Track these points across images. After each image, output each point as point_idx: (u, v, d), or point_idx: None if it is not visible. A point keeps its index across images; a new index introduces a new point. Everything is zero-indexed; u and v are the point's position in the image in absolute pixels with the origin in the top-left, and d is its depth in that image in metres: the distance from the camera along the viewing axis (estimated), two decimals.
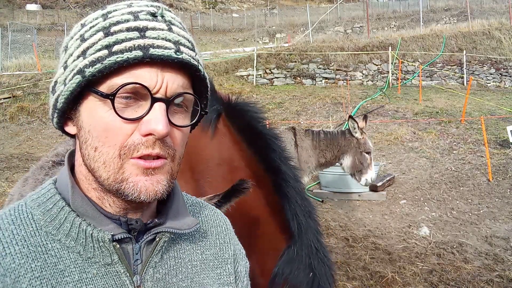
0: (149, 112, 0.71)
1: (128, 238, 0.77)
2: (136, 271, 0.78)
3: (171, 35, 0.73)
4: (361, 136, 4.68)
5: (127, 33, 0.71)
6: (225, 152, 1.91)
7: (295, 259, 1.63)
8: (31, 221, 0.75)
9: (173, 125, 0.75)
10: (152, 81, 0.71)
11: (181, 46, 0.74)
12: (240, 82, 15.77)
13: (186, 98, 0.76)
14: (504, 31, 15.98)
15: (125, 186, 0.72)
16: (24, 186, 1.91)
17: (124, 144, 0.71)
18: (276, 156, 1.79)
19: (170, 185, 0.76)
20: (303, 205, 1.71)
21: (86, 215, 0.76)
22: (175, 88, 0.74)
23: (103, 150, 0.72)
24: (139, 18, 0.73)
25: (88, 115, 0.74)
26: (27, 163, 8.94)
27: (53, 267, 0.72)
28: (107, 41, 0.71)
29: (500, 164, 7.65)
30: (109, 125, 0.71)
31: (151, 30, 0.72)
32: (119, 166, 0.72)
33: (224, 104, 1.98)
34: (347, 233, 5.60)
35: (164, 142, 0.73)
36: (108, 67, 0.70)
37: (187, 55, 0.74)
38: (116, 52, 0.70)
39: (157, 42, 0.71)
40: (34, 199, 0.78)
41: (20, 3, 37.42)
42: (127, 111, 0.72)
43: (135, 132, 0.72)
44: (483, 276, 4.35)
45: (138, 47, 0.70)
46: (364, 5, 26.75)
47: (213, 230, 0.93)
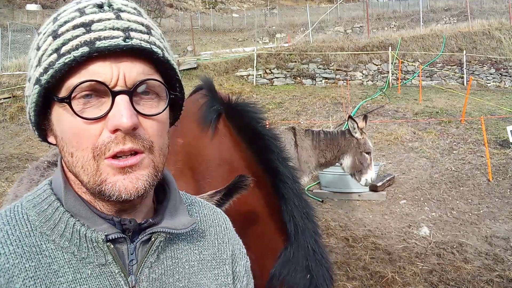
0: (112, 107, 0.69)
1: (122, 238, 0.76)
2: (132, 271, 0.76)
3: (119, 23, 0.70)
4: (361, 136, 4.68)
5: (73, 31, 0.69)
6: (225, 152, 1.91)
7: (292, 261, 1.62)
8: (26, 222, 0.75)
9: (142, 115, 0.72)
10: (107, 75, 0.69)
11: (131, 32, 0.70)
12: (240, 82, 15.78)
13: (151, 84, 0.73)
14: (504, 31, 15.98)
15: (104, 188, 0.70)
16: (19, 186, 1.91)
17: (96, 145, 0.69)
18: (275, 157, 1.79)
19: (154, 179, 0.74)
20: (301, 206, 1.70)
21: (79, 216, 0.75)
22: (135, 77, 0.71)
23: (78, 155, 0.71)
24: (85, 13, 0.71)
25: (58, 123, 0.73)
26: (27, 163, 8.94)
27: (47, 267, 0.71)
28: (56, 44, 0.69)
29: (500, 164, 7.65)
30: (76, 129, 0.70)
31: (97, 22, 0.69)
32: (95, 168, 0.70)
33: (224, 105, 1.98)
34: (347, 233, 5.60)
35: (135, 135, 0.70)
36: (59, 70, 0.68)
37: (138, 40, 0.70)
38: (64, 54, 0.68)
39: (103, 34, 0.68)
40: (29, 200, 0.78)
41: (20, 3, 37.41)
42: (90, 111, 0.69)
43: (104, 131, 0.69)
44: (483, 276, 4.35)
45: (85, 43, 0.68)
46: (364, 5, 26.75)
47: (211, 229, 0.92)
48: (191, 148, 1.99)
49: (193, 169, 1.96)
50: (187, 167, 1.97)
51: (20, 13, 33.93)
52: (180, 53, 21.36)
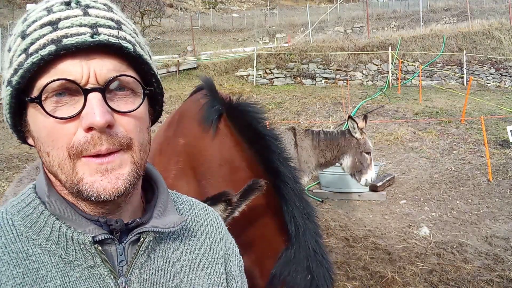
0: (85, 106, 0.67)
1: (110, 239, 0.74)
2: (122, 273, 0.75)
3: (86, 19, 0.69)
4: (361, 136, 4.68)
5: (40, 30, 0.68)
6: (226, 152, 1.91)
7: (293, 261, 1.62)
8: (11, 227, 0.73)
9: (117, 112, 0.70)
10: (77, 73, 0.67)
11: (99, 28, 0.69)
12: (240, 82, 15.78)
13: (124, 80, 0.71)
14: (504, 31, 15.98)
15: (82, 188, 0.69)
16: (19, 187, 1.90)
17: (71, 144, 0.68)
18: (276, 157, 1.78)
19: (135, 176, 0.72)
20: (302, 206, 1.70)
21: (65, 218, 0.73)
22: (106, 73, 0.69)
23: (54, 154, 0.69)
24: (52, 11, 0.69)
25: (33, 123, 0.72)
26: (27, 163, 8.94)
27: (35, 272, 0.70)
28: (24, 44, 0.68)
29: (500, 164, 7.65)
30: (50, 128, 0.68)
31: (64, 20, 0.68)
32: (71, 166, 0.69)
33: (225, 105, 1.98)
34: (347, 233, 5.60)
35: (111, 134, 0.69)
36: (28, 70, 0.67)
37: (106, 35, 0.68)
38: (32, 53, 0.67)
39: (70, 31, 0.67)
40: (14, 205, 0.76)
41: (20, 3, 37.39)
42: (64, 109, 0.68)
43: (79, 129, 0.68)
44: (483, 276, 4.35)
45: (52, 41, 0.66)
46: (364, 5, 26.75)
47: (203, 229, 0.90)
48: (193, 148, 1.99)
49: (194, 169, 1.96)
50: (189, 167, 1.97)
51: (20, 13, 33.78)
52: (180, 53, 21.37)
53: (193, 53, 20.27)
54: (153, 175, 0.87)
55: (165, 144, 2.14)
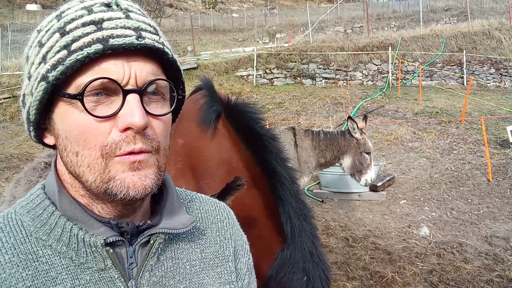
0: (123, 106, 0.68)
1: (121, 241, 0.74)
2: (132, 275, 0.74)
3: (129, 22, 0.70)
4: (361, 137, 4.67)
5: (83, 28, 0.68)
6: (224, 153, 1.90)
7: (289, 263, 1.61)
8: (21, 228, 0.72)
9: (150, 115, 0.71)
10: (119, 73, 0.68)
11: (142, 32, 0.70)
12: (240, 82, 15.77)
13: (159, 85, 0.73)
14: (504, 31, 15.97)
15: (112, 185, 0.69)
16: (16, 188, 1.89)
17: (105, 143, 0.68)
18: (273, 157, 1.78)
19: (159, 179, 0.73)
20: (298, 207, 1.69)
21: (75, 219, 0.73)
22: (145, 76, 0.70)
23: (85, 153, 0.69)
24: (93, 11, 0.70)
25: (62, 121, 0.71)
26: (27, 163, 8.94)
27: (45, 274, 0.69)
28: (65, 41, 0.68)
29: (500, 164, 7.64)
30: (84, 127, 0.68)
31: (108, 21, 0.69)
32: (103, 166, 0.69)
33: (224, 105, 1.98)
34: (347, 233, 5.60)
35: (145, 135, 0.70)
36: (70, 67, 0.67)
37: (150, 40, 0.70)
38: (75, 50, 0.67)
39: (116, 32, 0.68)
40: (23, 205, 0.76)
41: (20, 3, 37.39)
42: (100, 109, 0.69)
43: (114, 129, 0.68)
44: (483, 276, 4.35)
45: (97, 40, 0.67)
46: (364, 5, 26.75)
47: (213, 226, 0.89)
48: (191, 148, 1.98)
49: (193, 170, 1.96)
50: (188, 167, 1.97)
51: (20, 13, 33.91)
52: (180, 53, 21.37)
53: (193, 53, 20.27)
54: None
55: None
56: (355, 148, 4.68)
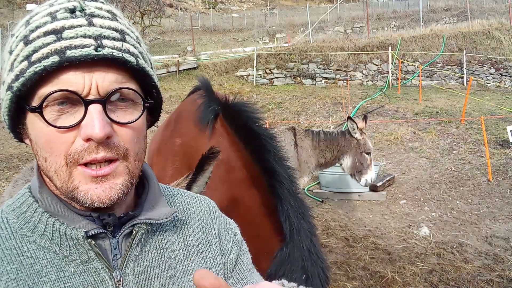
0: (85, 116, 0.68)
1: (104, 233, 0.76)
2: (116, 266, 0.76)
3: (91, 30, 0.69)
4: (361, 137, 4.67)
5: (44, 38, 0.68)
6: (222, 152, 1.90)
7: (288, 261, 1.62)
8: (6, 226, 0.75)
9: (117, 124, 0.71)
10: (79, 84, 0.68)
11: (103, 40, 0.69)
12: (240, 82, 15.78)
13: (125, 93, 0.72)
14: (504, 31, 15.96)
15: (77, 195, 0.70)
16: (14, 188, 1.90)
17: (69, 152, 0.69)
18: (271, 156, 1.79)
19: (128, 186, 0.74)
20: (297, 206, 1.70)
21: (57, 214, 0.75)
22: (107, 86, 0.70)
23: (51, 160, 0.71)
24: (56, 19, 0.69)
25: (32, 128, 0.72)
26: (27, 163, 8.94)
27: (30, 268, 0.71)
28: (27, 51, 0.68)
29: (500, 164, 7.64)
30: (49, 136, 0.69)
31: (69, 29, 0.68)
32: (68, 174, 0.70)
33: (222, 105, 1.98)
34: (347, 233, 5.60)
35: (109, 143, 0.70)
36: (29, 79, 0.67)
37: (109, 49, 0.69)
38: (34, 62, 0.67)
39: (74, 42, 0.67)
40: (9, 204, 0.78)
41: (20, 3, 37.41)
42: (65, 118, 0.69)
43: (78, 139, 0.69)
44: (483, 276, 4.35)
45: (55, 51, 0.66)
46: (364, 5, 26.74)
47: (195, 216, 0.91)
48: (189, 148, 1.99)
49: (191, 169, 1.96)
50: (186, 166, 1.97)
51: (20, 13, 33.87)
52: (180, 53, 21.37)
53: (193, 53, 20.28)
54: (144, 170, 0.88)
55: (163, 144, 2.14)
56: (355, 148, 4.68)
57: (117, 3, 23.30)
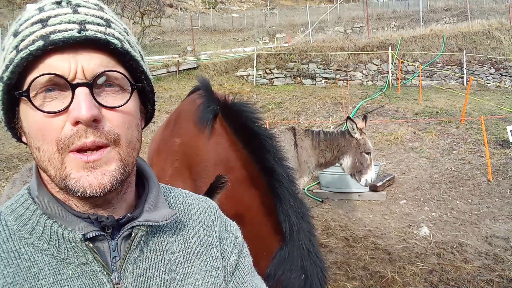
0: (73, 100, 0.69)
1: (102, 236, 0.75)
2: (115, 268, 0.76)
3: (75, 16, 0.71)
4: (360, 137, 4.67)
5: (31, 27, 0.70)
6: (221, 152, 1.91)
7: (287, 261, 1.62)
8: (4, 228, 0.74)
9: (105, 107, 0.71)
10: (65, 68, 0.69)
11: (87, 25, 0.70)
12: (240, 82, 15.77)
13: (112, 76, 0.73)
14: (504, 31, 15.96)
15: (69, 183, 0.70)
16: (11, 188, 1.89)
17: (59, 138, 0.69)
18: (270, 156, 1.79)
19: (122, 173, 0.73)
20: (296, 206, 1.70)
21: (55, 216, 0.74)
22: (93, 69, 0.70)
23: (44, 148, 0.71)
24: (43, 10, 0.71)
25: (24, 119, 0.73)
26: (27, 163, 8.93)
27: (27, 271, 0.71)
28: (16, 41, 0.70)
29: (500, 164, 7.64)
30: (39, 123, 0.70)
31: (54, 17, 0.70)
32: (60, 161, 0.70)
33: (221, 105, 1.98)
34: (347, 233, 5.60)
35: (98, 127, 0.70)
36: (17, 65, 0.68)
37: (93, 31, 0.70)
38: (22, 49, 0.69)
39: (58, 27, 0.69)
40: (8, 206, 0.78)
41: (20, 3, 37.39)
42: (54, 104, 0.69)
43: (67, 124, 0.69)
44: (483, 276, 4.34)
45: (40, 37, 0.68)
46: (364, 5, 26.74)
47: (196, 218, 0.90)
48: (189, 148, 1.99)
49: (190, 169, 1.97)
50: (185, 166, 1.98)
51: (20, 13, 33.91)
52: (180, 53, 21.37)
53: (193, 53, 20.28)
54: (145, 170, 0.88)
55: (162, 144, 2.14)
56: (355, 148, 4.67)
57: (117, 3, 23.29)
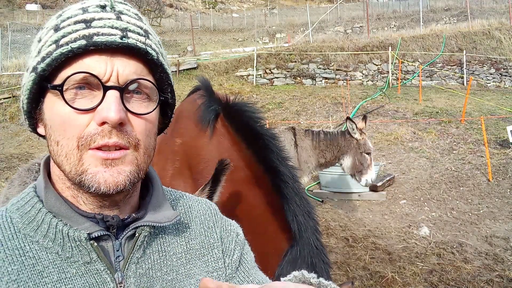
0: (102, 101, 0.71)
1: (107, 235, 0.76)
2: (118, 268, 0.77)
3: (118, 22, 0.73)
4: (360, 137, 4.67)
5: (74, 25, 0.72)
6: (224, 152, 1.91)
7: (298, 259, 1.64)
8: (10, 225, 0.75)
9: (131, 113, 0.74)
10: (101, 69, 0.71)
11: (129, 33, 0.73)
12: (240, 82, 15.77)
13: (144, 85, 0.75)
14: (504, 31, 15.96)
15: (84, 178, 0.71)
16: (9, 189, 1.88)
17: (81, 135, 0.71)
18: (275, 156, 1.80)
19: (135, 177, 0.75)
20: (302, 205, 1.73)
21: (61, 215, 0.75)
22: (127, 75, 0.73)
23: (63, 143, 0.72)
24: (87, 11, 0.74)
25: (49, 111, 0.74)
26: (27, 163, 8.92)
27: (31, 268, 0.72)
28: (56, 36, 0.72)
29: (500, 164, 7.64)
30: (65, 117, 0.71)
31: (98, 20, 0.72)
32: (78, 157, 0.71)
33: (222, 105, 1.99)
34: (347, 233, 5.60)
35: (122, 130, 0.72)
36: (55, 59, 0.70)
37: (134, 40, 0.72)
38: (62, 45, 0.70)
39: (102, 30, 0.71)
40: (14, 203, 0.79)
41: (20, 3, 37.39)
42: (83, 102, 0.71)
43: (92, 123, 0.71)
44: (483, 276, 4.35)
45: (83, 36, 0.70)
46: (364, 5, 26.74)
47: (197, 219, 0.92)
48: (190, 148, 1.99)
49: (191, 169, 1.97)
50: (186, 166, 1.98)
51: (20, 13, 33.91)
52: (180, 53, 21.36)
53: (193, 53, 20.27)
54: (149, 173, 0.89)
55: (163, 144, 2.15)
56: (355, 148, 4.68)
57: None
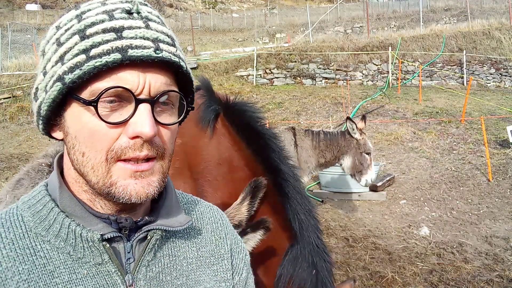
0: (134, 114, 0.70)
1: (119, 237, 0.76)
2: (129, 270, 0.77)
3: (149, 32, 0.72)
4: (360, 137, 4.67)
5: (104, 35, 0.69)
6: (224, 151, 1.92)
7: (299, 257, 1.64)
8: (21, 223, 0.75)
9: (160, 124, 0.74)
10: (134, 82, 0.70)
11: (160, 44, 0.72)
12: (240, 82, 15.77)
13: (171, 95, 0.75)
14: (504, 31, 15.95)
15: (114, 190, 0.71)
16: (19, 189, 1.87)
17: (111, 148, 0.70)
18: (275, 155, 1.81)
19: (161, 185, 0.76)
20: (303, 203, 1.73)
21: (74, 215, 0.75)
22: (158, 87, 0.72)
23: (90, 155, 0.71)
24: (114, 17, 0.71)
25: (73, 121, 0.73)
26: (27, 163, 8.92)
27: (42, 268, 0.72)
28: (84, 45, 0.69)
29: (500, 164, 7.64)
30: (94, 130, 0.70)
31: (128, 29, 0.70)
32: (106, 170, 0.71)
33: (222, 104, 1.99)
34: (347, 233, 5.60)
35: (152, 142, 0.72)
36: (88, 72, 0.68)
37: (167, 52, 0.72)
38: (94, 57, 0.68)
39: (135, 42, 0.69)
40: (25, 201, 0.78)
41: (20, 3, 37.39)
42: (112, 115, 0.70)
43: (122, 135, 0.71)
44: (483, 276, 4.35)
45: (116, 49, 0.68)
46: (364, 5, 26.74)
47: (208, 227, 0.92)
48: (190, 148, 2.00)
49: (191, 169, 1.97)
50: (186, 166, 1.98)
51: (20, 13, 33.90)
52: None
53: (193, 53, 20.26)
54: None
55: None
56: (355, 148, 4.68)
57: None
